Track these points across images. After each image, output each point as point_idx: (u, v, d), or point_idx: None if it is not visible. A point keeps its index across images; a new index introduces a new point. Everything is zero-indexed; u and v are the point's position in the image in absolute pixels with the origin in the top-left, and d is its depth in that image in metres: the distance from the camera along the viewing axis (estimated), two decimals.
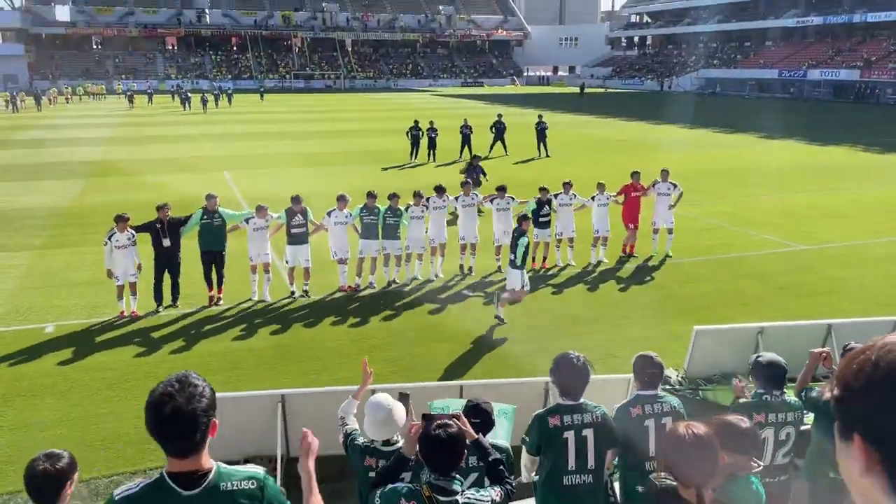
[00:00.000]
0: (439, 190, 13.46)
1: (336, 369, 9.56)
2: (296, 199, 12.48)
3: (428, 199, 13.30)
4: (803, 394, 5.08)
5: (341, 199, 12.57)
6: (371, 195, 12.75)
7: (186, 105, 56.64)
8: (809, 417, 5.27)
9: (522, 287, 11.20)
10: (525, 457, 5.00)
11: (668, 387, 8.48)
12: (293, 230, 12.36)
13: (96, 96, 73.07)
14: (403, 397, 4.68)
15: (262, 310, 11.85)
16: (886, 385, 1.13)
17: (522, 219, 11.26)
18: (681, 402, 5.15)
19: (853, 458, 1.17)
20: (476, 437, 4.11)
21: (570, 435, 4.62)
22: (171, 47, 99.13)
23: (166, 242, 11.56)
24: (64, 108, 60.25)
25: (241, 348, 10.30)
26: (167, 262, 11.70)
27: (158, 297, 11.74)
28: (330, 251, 12.66)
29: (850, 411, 1.18)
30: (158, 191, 22.08)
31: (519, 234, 10.99)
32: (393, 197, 12.87)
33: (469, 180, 15.54)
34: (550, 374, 4.80)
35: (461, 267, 13.88)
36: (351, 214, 12.66)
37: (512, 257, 11.11)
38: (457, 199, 13.74)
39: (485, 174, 19.34)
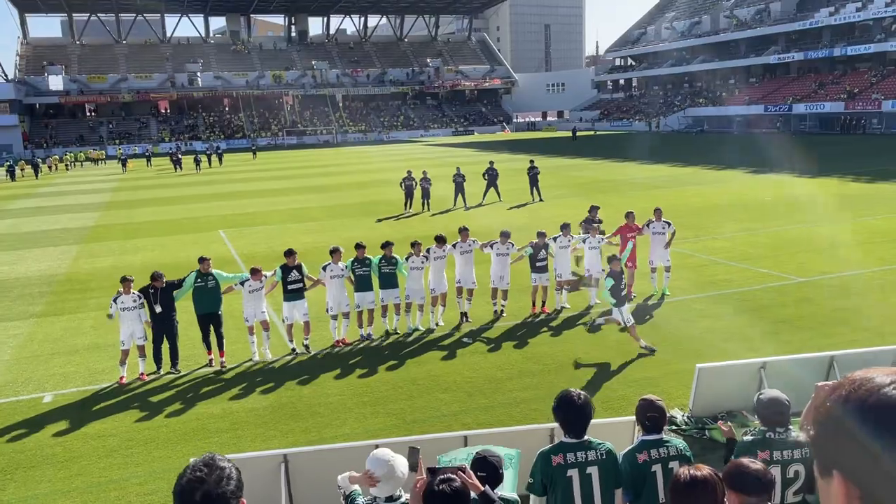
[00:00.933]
0: (440, 240, 13.53)
1: (339, 425, 9.45)
2: (289, 254, 12.46)
3: (428, 250, 13.37)
4: None
5: (335, 252, 12.56)
6: (360, 246, 12.84)
7: (178, 167, 57.64)
8: None
9: (626, 323, 11.64)
10: (532, 500, 4.93)
11: (674, 427, 8.40)
12: (290, 286, 12.32)
13: (97, 161, 74.50)
14: (413, 452, 4.60)
15: (262, 368, 11.75)
16: (858, 420, 1.14)
17: (612, 259, 11.92)
18: (686, 444, 5.10)
19: (834, 495, 1.18)
20: (482, 489, 4.05)
21: (574, 473, 4.57)
22: (164, 111, 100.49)
23: (157, 309, 11.49)
24: (63, 175, 61.40)
25: (240, 409, 10.19)
26: (162, 326, 11.61)
27: (158, 360, 11.68)
28: (326, 305, 12.63)
29: (826, 448, 1.20)
30: (155, 253, 22.16)
31: (609, 275, 11.68)
32: (386, 246, 12.98)
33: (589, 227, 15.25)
34: (553, 413, 4.81)
35: (462, 315, 13.88)
36: (346, 267, 12.69)
37: (611, 301, 11.70)
38: (454, 246, 13.80)
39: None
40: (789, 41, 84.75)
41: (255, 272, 12.00)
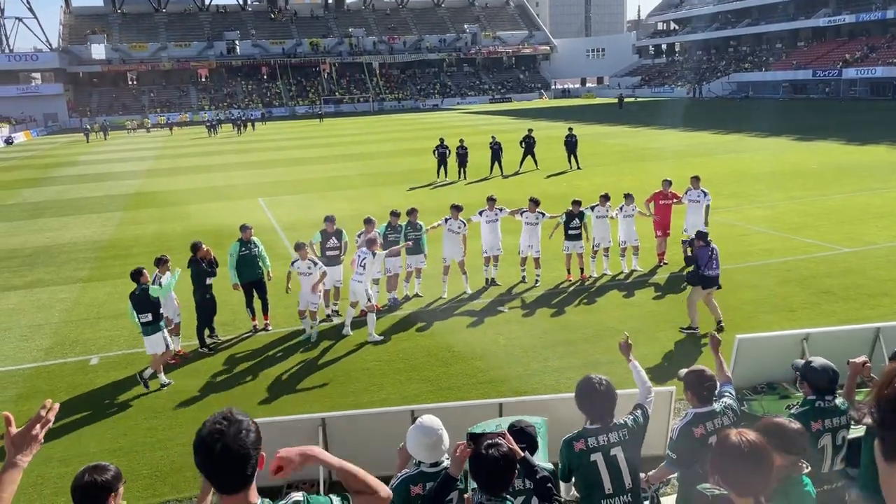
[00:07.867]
0: (455, 208, 13.58)
1: (376, 391, 9.57)
2: (329, 220, 12.57)
3: (445, 220, 13.53)
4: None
5: (368, 223, 12.61)
6: (394, 214, 13.11)
7: (212, 131, 63.42)
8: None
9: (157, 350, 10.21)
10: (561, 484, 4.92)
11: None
12: (328, 252, 12.44)
13: (182, 124, 79.23)
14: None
15: (298, 334, 11.90)
16: None
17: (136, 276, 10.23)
18: (736, 402, 5.09)
19: None
20: (522, 454, 4.11)
21: (598, 457, 4.49)
22: (203, 79, 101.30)
23: (209, 280, 11.34)
24: (125, 137, 67.37)
25: (279, 373, 10.36)
26: (210, 301, 11.40)
27: (203, 339, 11.45)
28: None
29: (893, 433, 1.09)
30: (196, 220, 22.48)
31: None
32: (412, 212, 13.20)
33: None
34: (576, 402, 4.64)
35: (488, 280, 14.10)
36: (379, 234, 12.76)
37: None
38: (480, 213, 13.92)
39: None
40: (840, 2, 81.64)
41: (300, 247, 11.67)
